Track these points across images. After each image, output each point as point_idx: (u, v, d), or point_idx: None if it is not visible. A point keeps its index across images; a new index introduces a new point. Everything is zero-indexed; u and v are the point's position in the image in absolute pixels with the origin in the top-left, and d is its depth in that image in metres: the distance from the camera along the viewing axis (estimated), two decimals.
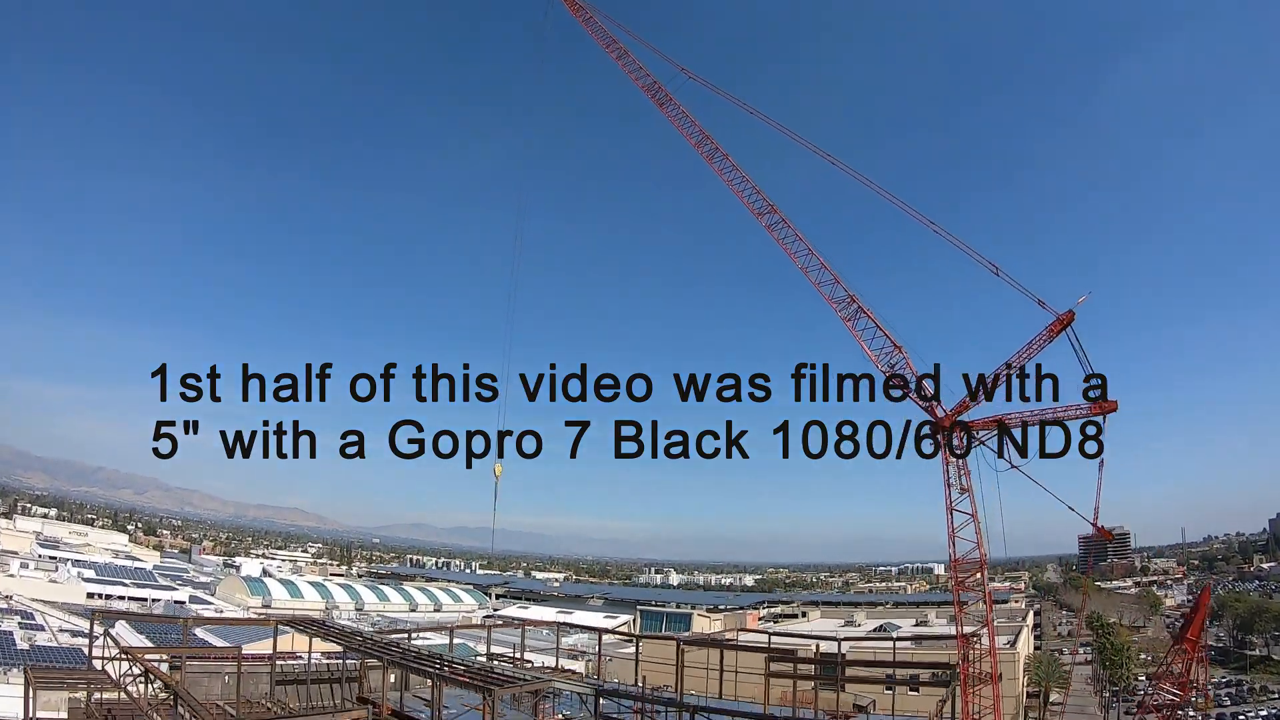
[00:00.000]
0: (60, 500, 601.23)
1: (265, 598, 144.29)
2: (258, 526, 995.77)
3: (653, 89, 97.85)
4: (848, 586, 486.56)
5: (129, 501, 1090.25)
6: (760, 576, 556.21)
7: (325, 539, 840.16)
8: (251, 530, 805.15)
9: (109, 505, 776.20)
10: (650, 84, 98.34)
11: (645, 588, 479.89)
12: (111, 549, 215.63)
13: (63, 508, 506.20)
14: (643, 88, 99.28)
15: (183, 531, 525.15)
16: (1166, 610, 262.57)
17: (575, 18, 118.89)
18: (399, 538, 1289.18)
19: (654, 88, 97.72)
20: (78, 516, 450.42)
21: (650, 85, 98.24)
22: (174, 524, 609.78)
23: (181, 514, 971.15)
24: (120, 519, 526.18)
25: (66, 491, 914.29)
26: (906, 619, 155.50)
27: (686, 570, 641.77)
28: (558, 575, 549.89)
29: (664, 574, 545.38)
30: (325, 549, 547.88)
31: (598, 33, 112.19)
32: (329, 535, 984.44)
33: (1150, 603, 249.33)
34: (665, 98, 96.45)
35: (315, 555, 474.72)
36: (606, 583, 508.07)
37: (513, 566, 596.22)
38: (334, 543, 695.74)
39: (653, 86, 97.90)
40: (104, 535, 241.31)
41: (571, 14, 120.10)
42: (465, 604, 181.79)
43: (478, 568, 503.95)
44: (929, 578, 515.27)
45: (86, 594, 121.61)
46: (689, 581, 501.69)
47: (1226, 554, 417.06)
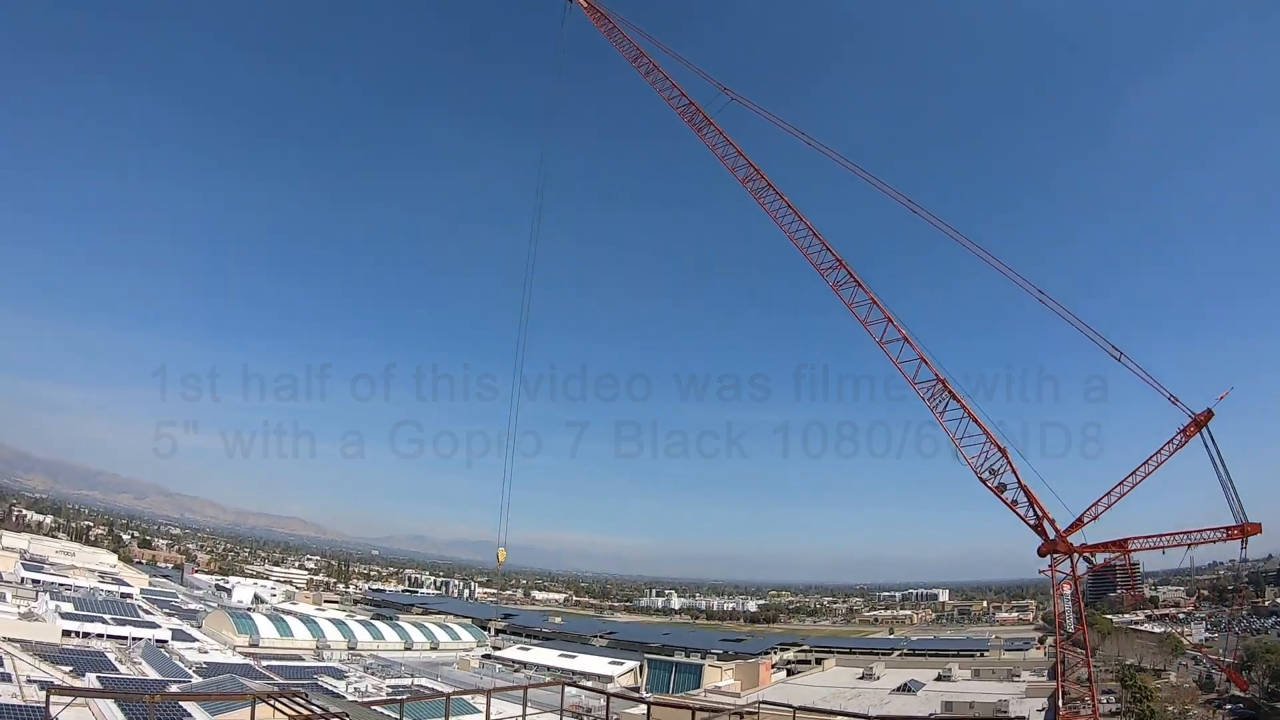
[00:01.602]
0: (59, 504, 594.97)
1: (253, 636, 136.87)
2: (257, 536, 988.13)
3: (689, 112, 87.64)
4: (852, 614, 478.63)
5: (128, 506, 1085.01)
6: (763, 600, 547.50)
7: (324, 550, 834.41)
8: (250, 539, 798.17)
9: (108, 510, 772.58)
10: (685, 106, 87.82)
11: (646, 612, 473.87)
12: (99, 570, 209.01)
13: (60, 514, 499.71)
14: (678, 110, 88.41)
15: (180, 542, 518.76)
16: (1188, 650, 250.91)
17: (597, 27, 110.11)
18: (399, 550, 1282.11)
19: (690, 111, 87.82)
20: (74, 524, 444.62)
21: (686, 108, 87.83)
22: (172, 532, 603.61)
23: (181, 520, 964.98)
24: (118, 525, 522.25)
25: (66, 495, 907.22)
26: (928, 670, 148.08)
27: (687, 592, 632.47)
28: (558, 595, 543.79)
29: (665, 596, 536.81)
30: (323, 563, 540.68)
31: (622, 45, 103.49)
32: (328, 546, 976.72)
33: (1172, 645, 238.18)
34: (704, 122, 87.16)
35: (312, 571, 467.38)
36: (607, 605, 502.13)
37: (512, 584, 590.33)
38: (333, 554, 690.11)
39: (689, 109, 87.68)
40: (92, 555, 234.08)
41: (592, 23, 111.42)
42: (463, 641, 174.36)
43: (477, 588, 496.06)
44: (934, 605, 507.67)
45: (63, 631, 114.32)
46: (691, 605, 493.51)
47: (1237, 584, 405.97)
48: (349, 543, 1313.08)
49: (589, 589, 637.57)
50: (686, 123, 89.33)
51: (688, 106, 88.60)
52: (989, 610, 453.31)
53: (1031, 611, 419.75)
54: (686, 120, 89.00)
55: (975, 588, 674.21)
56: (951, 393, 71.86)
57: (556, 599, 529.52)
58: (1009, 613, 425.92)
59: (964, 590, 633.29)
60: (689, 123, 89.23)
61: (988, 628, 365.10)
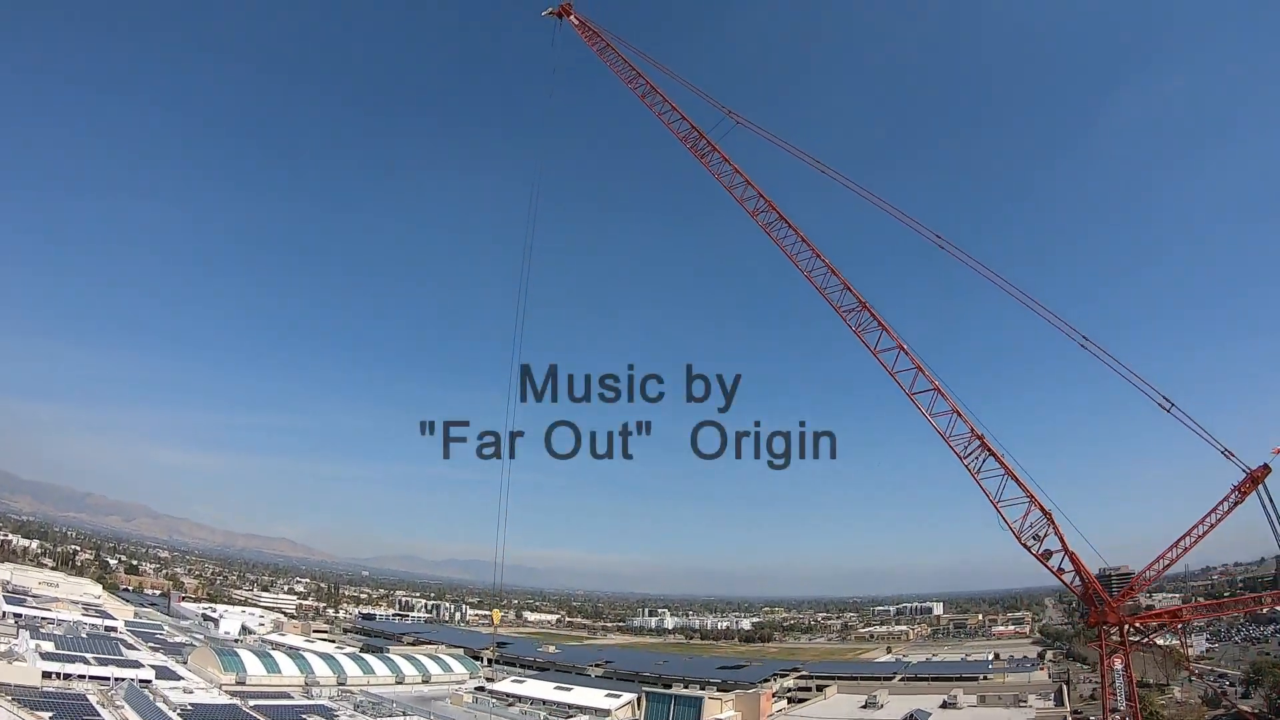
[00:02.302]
0: (46, 527, 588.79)
1: (239, 673, 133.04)
2: (246, 557, 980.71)
3: (691, 138, 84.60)
4: (847, 630, 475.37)
5: (116, 529, 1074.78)
6: (757, 619, 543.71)
7: (314, 571, 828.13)
8: (240, 562, 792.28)
9: (95, 533, 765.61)
10: (687, 132, 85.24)
11: (640, 633, 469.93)
12: (83, 601, 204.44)
13: (46, 538, 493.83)
14: (680, 136, 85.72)
15: (168, 566, 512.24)
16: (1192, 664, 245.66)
17: (589, 46, 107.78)
18: (389, 570, 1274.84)
19: (692, 137, 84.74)
20: (60, 548, 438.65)
21: (688, 134, 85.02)
22: (160, 555, 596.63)
23: (170, 543, 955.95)
24: (105, 549, 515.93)
25: (53, 517, 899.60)
26: (932, 696, 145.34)
27: (680, 610, 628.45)
28: (550, 616, 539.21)
29: (659, 616, 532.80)
30: (312, 585, 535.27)
31: (617, 65, 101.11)
32: (317, 568, 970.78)
33: (1175, 660, 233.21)
34: (708, 148, 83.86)
35: (301, 595, 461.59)
36: (600, 626, 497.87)
37: (504, 604, 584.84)
38: (323, 576, 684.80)
39: (691, 135, 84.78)
40: (76, 585, 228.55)
41: (586, 43, 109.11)
42: (455, 674, 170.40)
43: (469, 610, 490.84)
44: (929, 619, 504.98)
45: (43, 673, 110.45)
46: (685, 625, 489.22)
47: (1231, 590, 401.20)
48: (339, 564, 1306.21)
49: (581, 609, 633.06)
50: (689, 149, 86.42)
51: (690, 132, 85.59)
52: (985, 624, 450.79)
53: (1027, 624, 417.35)
54: (689, 146, 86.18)
55: (969, 598, 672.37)
56: (990, 450, 68.37)
57: (549, 620, 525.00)
58: (1005, 625, 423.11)
59: (958, 601, 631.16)
60: (691, 149, 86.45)
61: (985, 642, 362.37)
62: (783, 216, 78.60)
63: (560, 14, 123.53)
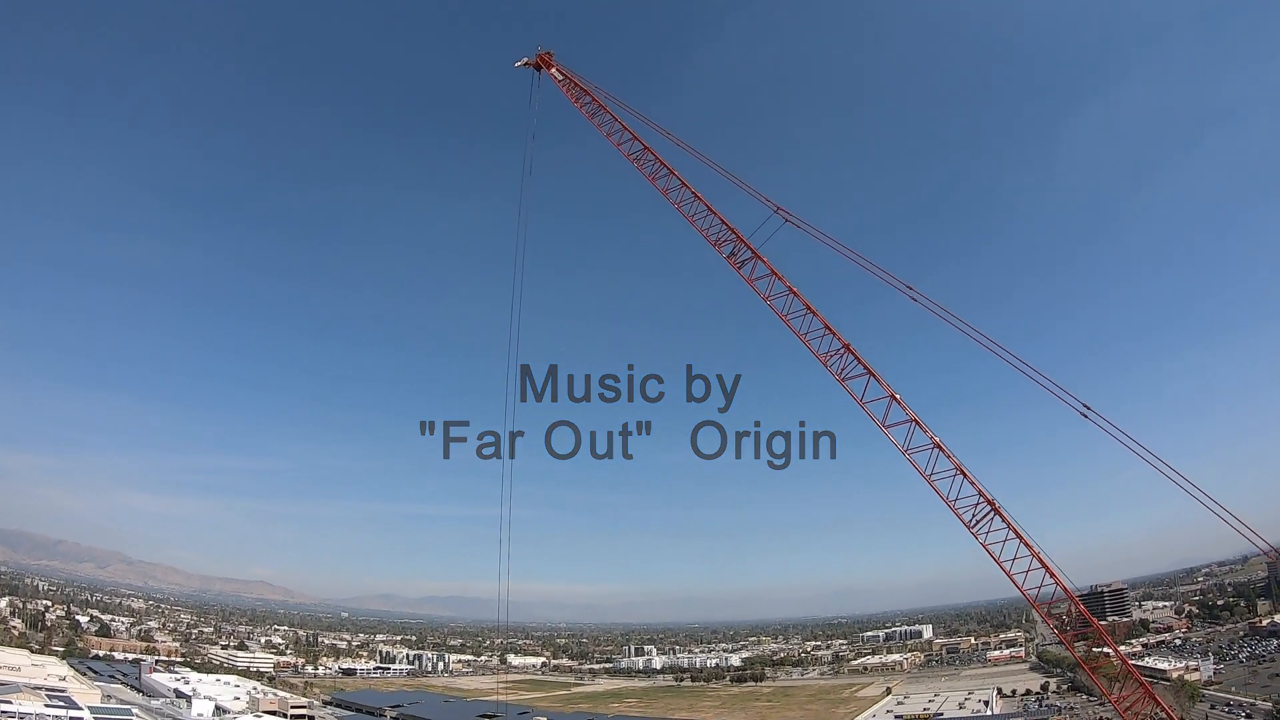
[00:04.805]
0: (17, 580, 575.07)
1: None
2: (223, 602, 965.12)
3: (727, 242, 75.71)
4: (839, 662, 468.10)
5: (91, 576, 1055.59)
6: (745, 651, 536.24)
7: (292, 614, 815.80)
8: (217, 607, 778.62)
9: (70, 580, 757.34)
10: (725, 235, 75.87)
11: (629, 674, 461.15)
12: (47, 686, 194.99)
13: (17, 592, 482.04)
14: (713, 242, 76.22)
15: (142, 619, 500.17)
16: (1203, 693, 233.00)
17: (575, 106, 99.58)
18: (368, 610, 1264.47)
19: (731, 242, 75.55)
20: (30, 606, 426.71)
21: (724, 237, 75.50)
22: (134, 606, 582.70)
23: (145, 590, 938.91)
24: (77, 602, 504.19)
25: (26, 565, 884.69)
26: None
27: (665, 642, 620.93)
28: (535, 660, 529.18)
29: (646, 655, 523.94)
30: (290, 635, 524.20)
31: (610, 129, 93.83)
32: (296, 610, 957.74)
33: (1189, 693, 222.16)
34: (750, 257, 74.22)
35: (279, 649, 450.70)
36: (586, 669, 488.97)
37: (486, 647, 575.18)
38: (302, 622, 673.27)
39: (727, 238, 75.37)
40: (40, 669, 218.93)
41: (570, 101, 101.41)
42: None
43: (451, 659, 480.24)
44: (920, 643, 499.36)
45: None
46: (673, 664, 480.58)
47: (1225, 598, 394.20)
48: (318, 605, 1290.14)
49: (567, 648, 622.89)
50: (725, 257, 76.14)
51: (727, 235, 75.67)
52: (978, 647, 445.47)
53: (1022, 646, 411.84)
54: (725, 254, 76.08)
55: (955, 614, 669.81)
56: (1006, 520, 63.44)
57: (534, 663, 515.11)
58: (999, 649, 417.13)
59: (944, 618, 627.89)
60: (728, 258, 76.12)
61: (981, 670, 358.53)
62: (827, 326, 72.23)
63: (538, 65, 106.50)
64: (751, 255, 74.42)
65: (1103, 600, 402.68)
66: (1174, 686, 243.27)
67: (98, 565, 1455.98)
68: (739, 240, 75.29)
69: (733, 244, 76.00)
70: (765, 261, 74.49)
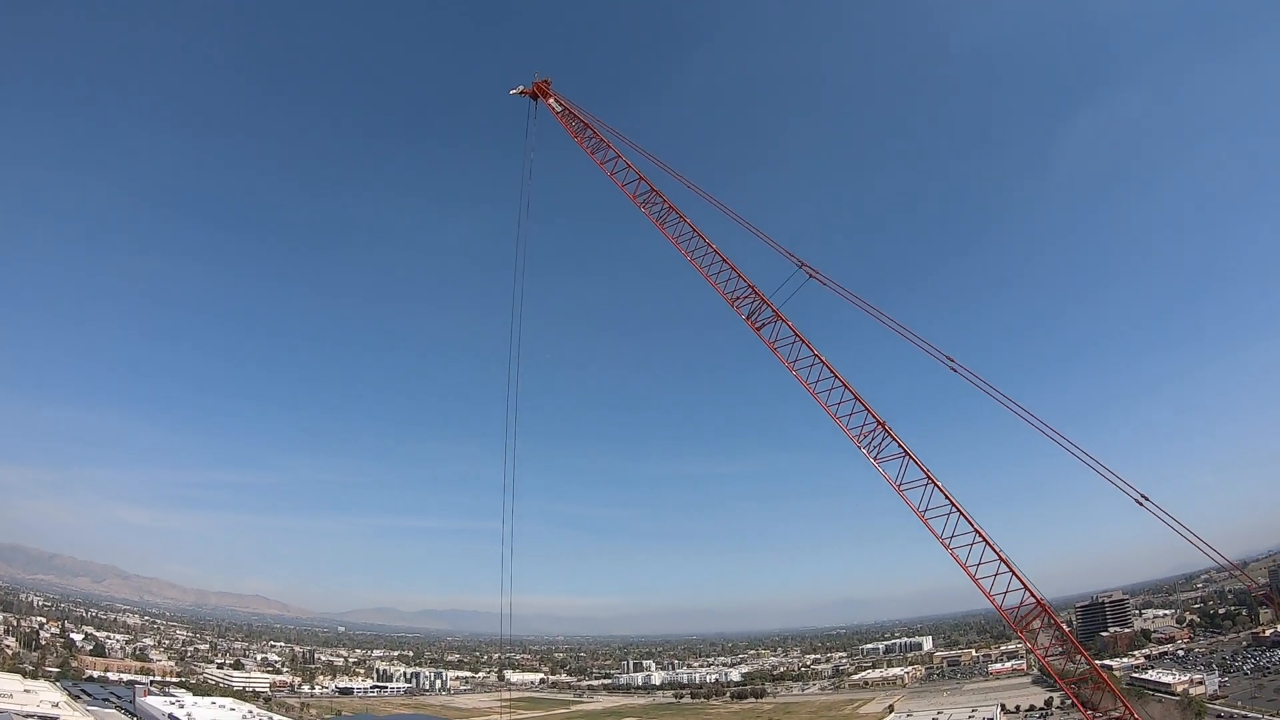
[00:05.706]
0: (12, 595, 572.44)
1: None
2: (220, 617, 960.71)
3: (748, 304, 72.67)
4: (840, 676, 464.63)
5: (86, 591, 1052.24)
6: (745, 665, 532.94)
7: (289, 629, 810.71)
8: (213, 622, 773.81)
9: (65, 595, 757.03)
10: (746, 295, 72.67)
11: (628, 691, 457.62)
12: (39, 715, 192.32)
13: (11, 609, 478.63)
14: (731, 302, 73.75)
15: (137, 635, 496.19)
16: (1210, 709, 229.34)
17: (575, 140, 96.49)
18: (365, 625, 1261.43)
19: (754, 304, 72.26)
20: (24, 624, 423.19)
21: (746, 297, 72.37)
22: (129, 622, 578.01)
23: (140, 605, 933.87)
24: (72, 619, 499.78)
25: (21, 580, 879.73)
26: None
27: (664, 656, 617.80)
28: (532, 676, 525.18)
29: (645, 670, 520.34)
30: (286, 652, 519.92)
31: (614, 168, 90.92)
32: (292, 625, 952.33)
33: (1196, 709, 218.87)
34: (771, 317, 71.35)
35: (275, 667, 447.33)
36: (585, 686, 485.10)
37: (484, 663, 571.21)
38: (299, 637, 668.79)
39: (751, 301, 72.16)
40: (33, 694, 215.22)
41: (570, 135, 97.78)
42: None
43: (449, 677, 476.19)
44: (920, 656, 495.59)
45: None
46: (672, 680, 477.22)
47: (1226, 606, 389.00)
48: (314, 619, 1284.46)
49: (565, 662, 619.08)
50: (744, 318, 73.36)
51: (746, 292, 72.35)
52: (979, 660, 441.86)
53: (1024, 658, 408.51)
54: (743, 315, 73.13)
55: (954, 624, 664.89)
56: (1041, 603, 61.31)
57: (532, 679, 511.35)
58: (1001, 662, 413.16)
59: (944, 628, 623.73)
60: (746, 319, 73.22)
61: (984, 684, 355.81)
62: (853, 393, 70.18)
63: (535, 95, 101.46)
64: (773, 316, 71.84)
65: (1104, 611, 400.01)
66: (1180, 702, 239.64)
67: (93, 579, 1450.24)
68: (759, 299, 72.94)
69: (752, 303, 73.47)
70: (790, 325, 71.38)
